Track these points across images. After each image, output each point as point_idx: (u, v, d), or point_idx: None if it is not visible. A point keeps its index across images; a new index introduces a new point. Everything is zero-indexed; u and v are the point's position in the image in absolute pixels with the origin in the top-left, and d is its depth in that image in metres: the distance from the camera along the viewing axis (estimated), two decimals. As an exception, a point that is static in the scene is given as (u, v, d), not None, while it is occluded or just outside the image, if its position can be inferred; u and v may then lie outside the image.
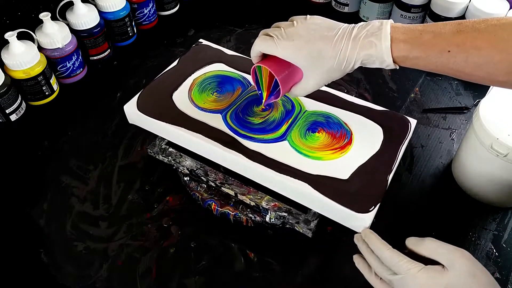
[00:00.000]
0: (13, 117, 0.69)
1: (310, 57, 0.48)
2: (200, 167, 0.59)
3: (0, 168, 0.65)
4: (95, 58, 0.79)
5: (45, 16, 0.69)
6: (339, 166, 0.53)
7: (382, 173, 0.52)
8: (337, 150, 0.55)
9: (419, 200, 0.61)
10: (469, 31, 0.43)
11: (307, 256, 0.55)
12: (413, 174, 0.64)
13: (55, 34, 0.69)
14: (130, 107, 0.60)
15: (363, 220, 0.48)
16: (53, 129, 0.70)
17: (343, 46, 0.46)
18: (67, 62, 0.73)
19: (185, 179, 0.60)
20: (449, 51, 0.43)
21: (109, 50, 0.81)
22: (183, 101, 0.60)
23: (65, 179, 0.63)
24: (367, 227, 0.48)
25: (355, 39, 0.46)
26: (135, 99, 0.60)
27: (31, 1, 0.72)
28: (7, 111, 0.67)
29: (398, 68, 0.47)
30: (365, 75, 0.78)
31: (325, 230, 0.57)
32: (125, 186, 0.62)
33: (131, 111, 0.59)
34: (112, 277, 0.53)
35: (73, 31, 0.73)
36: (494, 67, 0.43)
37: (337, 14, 0.91)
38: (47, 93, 0.72)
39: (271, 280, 0.53)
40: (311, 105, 0.60)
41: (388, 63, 0.46)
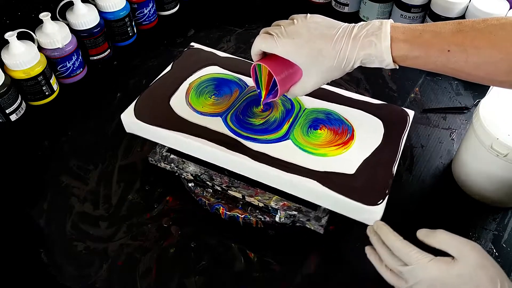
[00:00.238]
0: (13, 117, 0.69)
1: (310, 55, 0.48)
2: (204, 172, 0.58)
3: (0, 168, 0.65)
4: (95, 58, 0.79)
5: (45, 16, 0.69)
6: (345, 161, 0.53)
7: (387, 165, 0.53)
8: (340, 145, 0.55)
9: (419, 200, 0.61)
10: (468, 31, 0.43)
11: (307, 256, 0.55)
12: (413, 174, 0.64)
13: (55, 34, 0.69)
14: (127, 115, 0.58)
15: (375, 212, 0.49)
16: (53, 129, 0.70)
17: (343, 45, 0.47)
18: (67, 62, 0.73)
19: (190, 185, 0.59)
20: (449, 50, 0.44)
21: (109, 50, 0.81)
22: (182, 106, 0.59)
23: (65, 179, 0.63)
24: (379, 219, 0.49)
25: (355, 38, 0.46)
26: (131, 107, 0.59)
27: (31, 1, 0.72)
28: (7, 111, 0.67)
29: (397, 67, 0.47)
30: (365, 75, 0.78)
31: (325, 230, 0.57)
32: (125, 186, 0.62)
33: (129, 119, 0.58)
34: (112, 277, 0.53)
35: (73, 31, 0.73)
36: (493, 67, 0.43)
37: (337, 14, 0.91)
38: (47, 93, 0.72)
39: (271, 280, 0.53)
40: (310, 102, 0.60)
41: (387, 62, 0.46)
